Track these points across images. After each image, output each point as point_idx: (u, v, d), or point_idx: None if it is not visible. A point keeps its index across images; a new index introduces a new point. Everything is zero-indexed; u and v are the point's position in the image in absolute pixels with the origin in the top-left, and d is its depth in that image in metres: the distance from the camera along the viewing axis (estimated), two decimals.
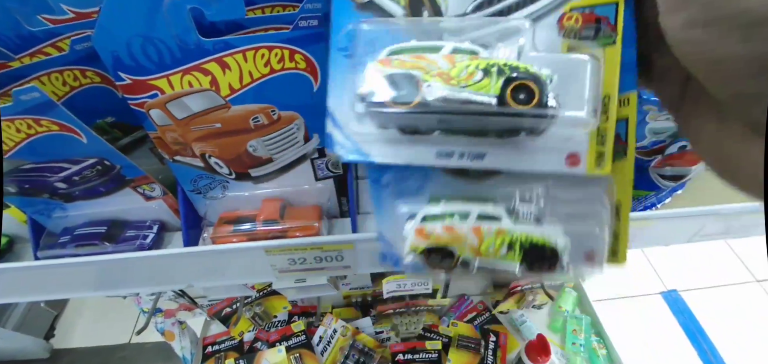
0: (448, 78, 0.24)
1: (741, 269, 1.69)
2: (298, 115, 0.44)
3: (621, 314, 1.54)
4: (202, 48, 0.37)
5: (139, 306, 1.10)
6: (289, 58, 0.39)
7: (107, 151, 0.43)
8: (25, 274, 0.49)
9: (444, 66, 0.24)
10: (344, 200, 0.55)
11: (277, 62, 0.39)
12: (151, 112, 0.42)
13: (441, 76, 0.24)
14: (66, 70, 0.42)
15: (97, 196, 0.50)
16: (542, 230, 0.28)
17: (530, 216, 0.28)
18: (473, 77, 0.24)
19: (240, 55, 0.38)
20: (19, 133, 0.39)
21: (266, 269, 0.51)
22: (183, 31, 0.36)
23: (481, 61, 0.24)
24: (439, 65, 0.24)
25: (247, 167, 0.49)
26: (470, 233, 0.28)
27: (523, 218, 0.28)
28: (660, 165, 0.52)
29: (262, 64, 0.39)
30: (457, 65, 0.24)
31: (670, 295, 1.61)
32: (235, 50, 0.38)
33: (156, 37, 0.37)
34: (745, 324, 1.50)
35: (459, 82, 0.24)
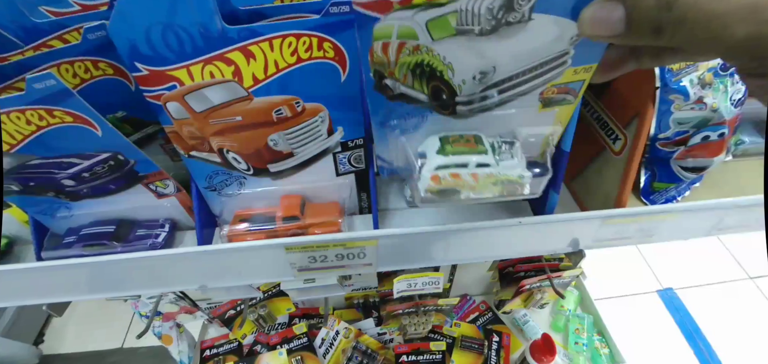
0: (474, 188, 0.40)
1: (734, 267, 1.73)
2: (323, 108, 0.42)
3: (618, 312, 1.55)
4: (226, 36, 0.36)
5: (136, 310, 1.06)
6: (317, 46, 0.37)
7: (123, 145, 0.41)
8: (28, 276, 0.46)
9: (471, 182, 0.40)
10: (364, 196, 0.53)
11: (304, 51, 0.37)
12: (168, 105, 0.40)
13: (472, 188, 0.40)
14: (77, 61, 0.40)
15: (106, 194, 0.48)
16: (515, 169, 0.41)
17: (508, 154, 0.41)
18: (488, 186, 0.40)
19: (266, 44, 0.36)
20: (30, 126, 0.36)
21: (285, 268, 0.50)
22: (207, 18, 0.34)
23: (492, 177, 0.40)
24: (469, 182, 0.40)
25: (267, 162, 0.47)
26: (469, 177, 0.40)
27: (503, 157, 0.41)
28: (682, 157, 0.52)
29: (288, 53, 0.37)
30: (480, 181, 0.40)
31: (666, 293, 1.63)
32: (261, 38, 0.36)
33: (178, 24, 0.35)
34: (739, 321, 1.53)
35: (481, 189, 0.40)
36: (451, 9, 0.31)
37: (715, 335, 1.48)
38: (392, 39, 0.33)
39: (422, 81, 0.37)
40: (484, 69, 0.36)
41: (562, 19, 0.33)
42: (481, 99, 0.39)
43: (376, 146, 0.44)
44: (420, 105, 0.39)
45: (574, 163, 0.60)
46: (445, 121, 0.41)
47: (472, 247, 0.52)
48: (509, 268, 0.94)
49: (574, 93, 0.40)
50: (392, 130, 0.42)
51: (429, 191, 0.40)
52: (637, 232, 0.54)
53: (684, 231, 0.55)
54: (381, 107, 0.39)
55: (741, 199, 0.51)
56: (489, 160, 0.39)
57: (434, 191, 0.40)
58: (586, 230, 0.52)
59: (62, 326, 1.60)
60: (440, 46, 0.34)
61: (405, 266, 0.53)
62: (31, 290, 0.48)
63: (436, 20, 0.32)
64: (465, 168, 0.39)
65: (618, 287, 1.65)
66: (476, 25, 0.32)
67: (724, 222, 0.56)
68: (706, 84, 0.46)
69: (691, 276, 1.69)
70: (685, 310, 1.57)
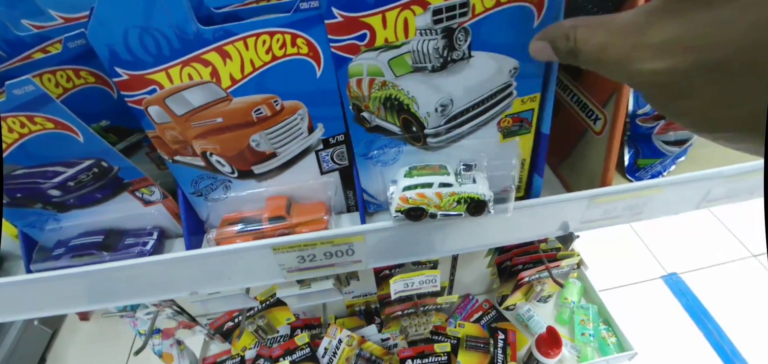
0: (440, 206, 0.45)
1: (737, 245, 1.71)
2: (302, 105, 0.43)
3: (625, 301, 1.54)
4: (201, 37, 0.36)
5: (134, 328, 1.05)
6: (291, 43, 0.38)
7: (105, 151, 0.41)
8: (17, 289, 0.46)
9: (436, 201, 0.44)
10: (350, 194, 0.54)
11: (278, 48, 0.38)
12: (150, 109, 0.41)
13: (437, 207, 0.45)
14: (59, 71, 0.41)
15: (93, 203, 0.48)
16: (476, 188, 0.44)
17: (470, 177, 0.46)
18: (452, 205, 0.45)
19: (241, 43, 0.37)
20: (12, 134, 0.37)
21: (274, 270, 0.50)
22: (182, 21, 0.35)
23: (455, 195, 0.44)
24: (433, 201, 0.44)
25: (250, 164, 0.47)
26: (434, 196, 0.44)
27: (465, 179, 0.45)
28: (663, 131, 0.52)
29: (263, 52, 0.38)
30: (444, 200, 0.44)
31: (671, 278, 1.62)
32: (236, 38, 0.37)
33: (154, 28, 0.35)
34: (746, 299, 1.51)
35: (447, 208, 0.45)
36: (406, 49, 0.38)
37: (724, 316, 1.46)
38: (364, 76, 0.40)
39: (393, 113, 0.44)
40: (443, 102, 0.43)
41: (497, 55, 0.40)
42: (447, 130, 0.46)
43: (361, 180, 0.50)
44: (395, 137, 0.46)
45: (560, 147, 0.60)
46: (418, 153, 0.48)
47: (462, 236, 0.52)
48: (507, 262, 0.94)
49: (527, 122, 0.47)
50: (373, 162, 0.48)
51: (398, 210, 0.45)
52: (626, 210, 0.54)
53: (673, 205, 0.55)
54: (362, 139, 0.45)
55: (726, 168, 0.51)
56: (451, 181, 0.45)
57: (403, 210, 0.44)
58: (574, 211, 0.52)
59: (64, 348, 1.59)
60: (403, 82, 0.41)
61: (396, 261, 0.53)
62: (20, 304, 0.48)
63: (396, 59, 0.39)
64: (430, 188, 0.44)
65: (622, 277, 1.64)
66: (428, 63, 0.40)
67: (713, 193, 0.56)
68: None
69: (694, 259, 1.67)
70: (692, 293, 1.55)
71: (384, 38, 0.37)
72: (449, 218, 0.46)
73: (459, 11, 0.38)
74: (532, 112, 0.47)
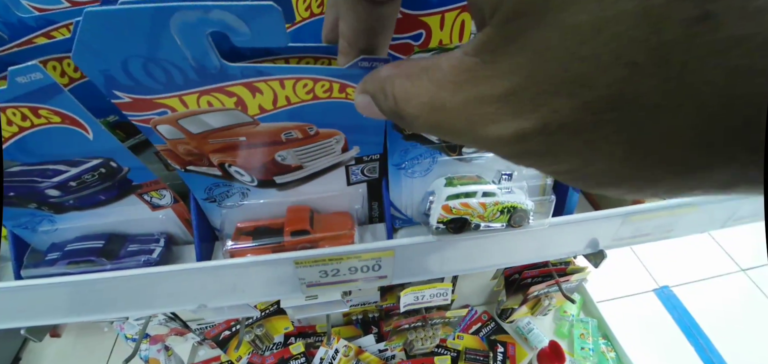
0: (483, 217, 0.43)
1: (726, 260, 1.76)
2: (340, 132, 0.39)
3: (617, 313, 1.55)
4: (226, 73, 0.31)
5: (121, 332, 0.99)
6: (338, 90, 0.34)
7: (116, 150, 0.37)
8: (5, 296, 0.41)
9: (480, 210, 0.42)
10: (375, 206, 0.51)
11: (323, 92, 0.34)
12: (160, 128, 0.36)
13: (481, 218, 0.43)
14: (66, 58, 0.36)
15: (95, 205, 0.44)
16: (519, 197, 0.43)
17: (509, 187, 0.44)
18: (495, 215, 0.43)
19: (275, 82, 0.32)
20: (11, 127, 0.32)
21: (293, 284, 0.46)
22: (200, 55, 0.29)
23: (499, 205, 0.42)
24: (477, 211, 0.42)
25: (273, 175, 0.44)
26: (478, 205, 0.42)
27: (505, 188, 0.44)
28: None
29: (303, 93, 0.34)
30: (488, 210, 0.42)
31: (663, 291, 1.64)
32: (269, 78, 0.32)
33: (163, 59, 0.29)
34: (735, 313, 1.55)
35: (490, 218, 0.43)
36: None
37: (713, 329, 1.49)
38: None
39: None
40: None
41: None
42: None
43: (391, 193, 0.48)
44: (431, 146, 0.44)
45: None
46: (452, 163, 0.47)
47: (491, 252, 0.50)
48: (515, 275, 0.92)
49: None
50: (406, 173, 0.46)
51: (440, 221, 0.42)
52: (656, 228, 0.53)
53: (701, 224, 0.54)
54: (398, 147, 0.43)
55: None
56: (493, 190, 0.43)
57: (446, 220, 0.42)
58: (607, 229, 0.50)
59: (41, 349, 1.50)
60: None
61: (422, 277, 0.50)
62: (8, 312, 0.43)
63: None
64: (473, 197, 0.42)
65: (615, 289, 1.66)
66: None
67: (739, 213, 0.55)
68: None
69: (685, 273, 1.71)
70: (683, 307, 1.58)
71: (439, 40, 0.35)
72: (488, 231, 0.44)
73: None
74: None
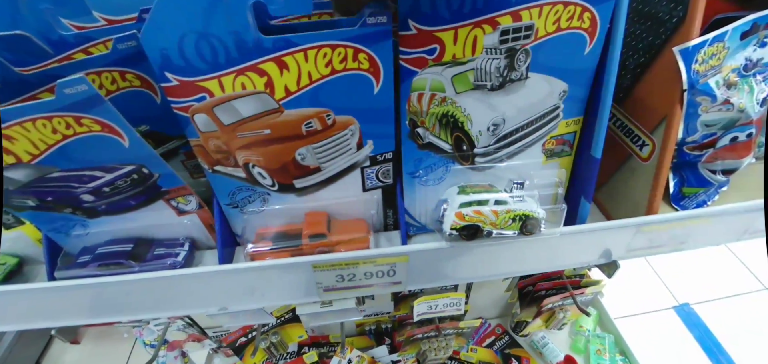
0: (495, 224, 0.44)
1: (749, 278, 1.69)
2: (354, 120, 0.41)
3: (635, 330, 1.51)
4: (261, 46, 0.35)
5: (140, 338, 1.02)
6: (352, 57, 0.37)
7: (149, 157, 0.40)
8: (40, 296, 0.44)
9: (492, 218, 0.43)
10: (390, 213, 0.52)
11: (339, 62, 0.37)
12: (196, 117, 0.39)
13: (493, 225, 0.44)
14: (105, 72, 0.39)
15: (125, 210, 0.46)
16: (530, 206, 0.44)
17: (521, 195, 0.45)
18: (507, 222, 0.44)
19: (300, 55, 0.36)
20: (55, 135, 0.35)
21: (310, 288, 0.47)
22: (242, 28, 0.34)
23: (511, 213, 0.43)
24: (489, 218, 0.43)
25: (292, 178, 0.46)
26: (490, 213, 0.43)
27: (517, 197, 0.45)
28: (711, 160, 0.51)
29: (323, 65, 0.37)
30: (500, 217, 0.43)
31: (683, 309, 1.59)
32: (297, 49, 0.36)
33: (212, 34, 0.34)
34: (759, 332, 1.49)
35: (502, 225, 0.44)
36: (470, 67, 0.39)
37: (736, 349, 1.44)
38: (426, 90, 0.40)
39: (446, 131, 0.44)
40: (495, 121, 0.44)
41: (551, 78, 0.42)
42: (495, 150, 0.46)
43: (405, 200, 0.49)
44: (444, 155, 0.46)
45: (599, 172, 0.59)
46: (465, 172, 0.48)
47: (504, 260, 0.50)
48: (529, 287, 0.92)
49: (569, 144, 0.49)
50: (420, 181, 0.48)
51: (453, 228, 0.43)
52: (670, 239, 0.53)
53: (716, 236, 0.54)
54: (412, 156, 0.45)
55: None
56: (505, 198, 0.44)
57: (458, 227, 0.43)
58: (620, 239, 0.50)
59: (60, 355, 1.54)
60: (461, 99, 0.41)
61: (435, 284, 0.51)
62: (42, 312, 0.46)
63: (459, 75, 0.39)
64: (486, 205, 0.43)
65: (633, 305, 1.61)
66: (488, 81, 0.40)
67: (755, 225, 0.55)
68: (731, 84, 0.46)
69: (706, 290, 1.65)
70: (704, 325, 1.52)
71: (452, 54, 0.37)
72: (500, 238, 0.45)
73: (524, 33, 0.37)
74: (574, 134, 0.48)
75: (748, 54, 0.46)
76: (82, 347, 1.38)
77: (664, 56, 0.45)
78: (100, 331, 1.43)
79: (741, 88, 0.46)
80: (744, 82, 0.46)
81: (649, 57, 0.48)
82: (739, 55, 0.45)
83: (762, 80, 0.47)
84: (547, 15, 0.37)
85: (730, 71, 0.46)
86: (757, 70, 0.46)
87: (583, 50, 0.40)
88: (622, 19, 0.38)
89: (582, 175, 0.49)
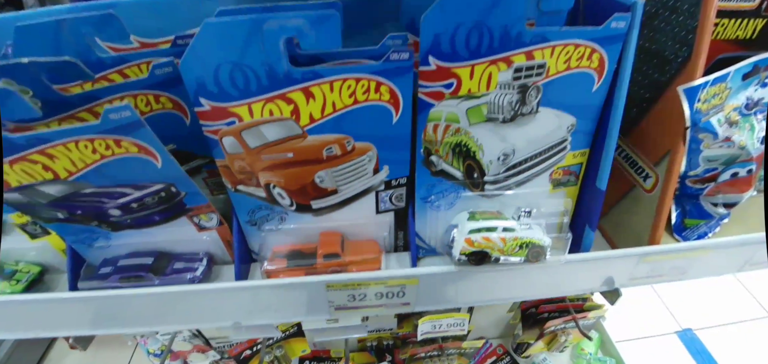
0: (503, 251, 0.46)
1: (754, 305, 1.69)
2: (372, 147, 0.44)
3: (637, 354, 1.50)
4: (290, 77, 0.38)
5: (144, 346, 1.02)
6: (374, 89, 0.39)
7: (179, 177, 0.42)
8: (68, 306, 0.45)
9: (500, 245, 0.46)
10: (401, 235, 0.54)
11: (362, 93, 0.39)
12: (224, 139, 0.42)
13: (501, 252, 0.46)
14: (140, 95, 0.42)
15: (148, 225, 0.48)
16: (537, 234, 0.46)
17: (529, 223, 0.48)
18: (515, 249, 0.46)
19: (326, 86, 0.38)
20: (95, 155, 0.37)
21: (322, 306, 0.49)
22: (274, 60, 0.37)
23: (518, 240, 0.45)
24: (498, 245, 0.46)
25: (310, 199, 0.48)
26: (498, 240, 0.45)
27: (525, 224, 0.47)
28: (712, 193, 0.53)
29: (346, 95, 0.39)
30: (507, 244, 0.45)
31: (686, 334, 1.59)
32: (323, 80, 0.38)
33: (246, 64, 0.37)
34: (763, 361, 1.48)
35: (509, 252, 0.46)
36: (484, 100, 0.41)
37: None
38: (441, 121, 0.43)
39: (459, 159, 0.46)
40: (506, 151, 0.46)
41: (560, 112, 0.44)
42: (504, 178, 0.48)
43: (417, 224, 0.51)
44: (456, 182, 0.48)
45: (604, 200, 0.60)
46: (475, 199, 0.50)
47: (510, 286, 0.52)
48: (532, 309, 0.93)
49: (575, 175, 0.51)
50: (432, 206, 0.50)
51: (463, 253, 0.46)
52: (672, 269, 0.54)
53: (717, 267, 0.55)
54: (425, 182, 0.48)
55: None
56: (514, 226, 0.46)
57: (467, 252, 0.46)
58: (622, 268, 0.52)
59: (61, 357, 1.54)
60: (475, 130, 0.44)
61: (442, 306, 0.52)
62: (66, 320, 0.47)
63: (473, 108, 0.42)
64: (494, 232, 0.45)
65: (635, 329, 1.61)
66: (500, 114, 0.43)
67: (756, 258, 0.56)
68: (733, 123, 0.48)
69: (709, 316, 1.64)
70: (707, 352, 1.52)
71: (468, 88, 0.39)
72: (507, 265, 0.46)
73: (536, 71, 0.40)
74: (580, 165, 0.50)
75: (749, 94, 0.48)
76: (83, 351, 1.39)
77: (669, 94, 0.47)
78: (103, 336, 1.43)
79: (742, 126, 0.48)
80: (745, 121, 0.48)
81: (655, 93, 0.50)
82: (741, 94, 0.48)
83: (763, 119, 0.49)
84: (558, 55, 0.39)
85: (732, 110, 0.48)
86: (758, 109, 0.48)
87: (591, 87, 0.42)
88: (630, 61, 0.40)
89: (587, 205, 0.51)
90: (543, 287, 0.54)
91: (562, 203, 0.52)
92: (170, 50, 0.45)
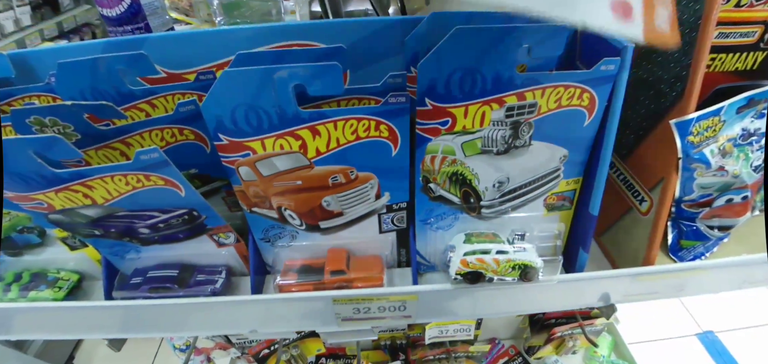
0: (496, 272, 0.49)
1: None
2: (374, 176, 0.47)
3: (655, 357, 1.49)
4: (299, 117, 0.41)
5: (170, 341, 1.10)
6: (374, 127, 0.42)
7: (199, 204, 0.47)
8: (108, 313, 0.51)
9: (493, 266, 0.49)
10: (403, 252, 0.57)
11: (363, 131, 0.43)
12: (241, 169, 0.46)
13: (494, 272, 0.49)
14: (166, 129, 0.47)
15: (174, 241, 0.53)
16: (530, 256, 0.49)
17: (522, 246, 0.50)
18: (508, 270, 0.49)
19: (331, 124, 0.42)
20: (128, 186, 0.43)
21: (330, 317, 0.53)
22: (285, 103, 0.40)
23: (511, 262, 0.48)
24: (491, 266, 0.49)
25: (318, 220, 0.52)
26: (492, 261, 0.48)
27: (518, 247, 0.50)
28: (708, 217, 0.54)
29: (349, 132, 0.43)
30: (501, 265, 0.48)
31: (707, 336, 1.56)
32: (328, 120, 0.42)
33: (260, 106, 0.41)
34: None
35: (502, 273, 0.49)
36: (478, 136, 0.45)
37: None
38: (438, 153, 0.46)
39: (456, 186, 0.49)
40: (501, 179, 0.49)
41: (552, 145, 0.47)
42: (500, 203, 0.51)
43: (417, 243, 0.54)
44: (453, 206, 0.51)
45: (604, 218, 0.62)
46: (472, 221, 0.53)
47: (506, 302, 0.54)
48: (539, 314, 0.95)
49: (569, 200, 0.53)
50: (431, 228, 0.54)
51: (458, 273, 0.49)
52: (667, 287, 0.56)
53: (715, 285, 0.56)
54: (424, 206, 0.51)
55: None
56: (507, 248, 0.50)
57: (462, 273, 0.49)
58: (616, 286, 0.54)
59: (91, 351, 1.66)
60: (470, 161, 0.47)
61: (441, 319, 0.56)
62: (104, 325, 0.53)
63: (468, 142, 0.45)
64: (488, 254, 0.49)
65: (654, 331, 1.59)
66: (494, 147, 0.46)
67: (754, 276, 0.57)
68: (726, 153, 0.49)
69: (731, 318, 1.61)
70: (729, 354, 1.49)
71: (462, 125, 0.42)
72: (502, 283, 0.49)
73: (528, 110, 0.42)
74: (574, 192, 0.53)
75: (745, 125, 0.49)
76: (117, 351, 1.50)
77: (664, 124, 0.49)
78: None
79: (736, 156, 0.49)
80: (740, 151, 0.49)
81: (651, 122, 0.51)
82: (736, 125, 0.48)
83: (758, 149, 0.49)
84: (549, 95, 0.41)
85: (727, 140, 0.49)
86: (753, 140, 0.49)
87: (582, 123, 0.45)
88: (619, 101, 0.42)
89: (580, 228, 0.53)
90: (538, 302, 0.56)
91: (556, 227, 0.55)
92: (193, 84, 0.49)
